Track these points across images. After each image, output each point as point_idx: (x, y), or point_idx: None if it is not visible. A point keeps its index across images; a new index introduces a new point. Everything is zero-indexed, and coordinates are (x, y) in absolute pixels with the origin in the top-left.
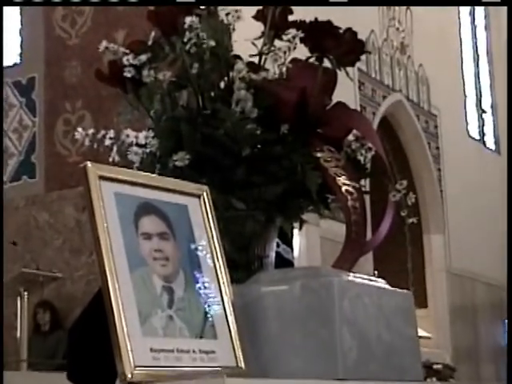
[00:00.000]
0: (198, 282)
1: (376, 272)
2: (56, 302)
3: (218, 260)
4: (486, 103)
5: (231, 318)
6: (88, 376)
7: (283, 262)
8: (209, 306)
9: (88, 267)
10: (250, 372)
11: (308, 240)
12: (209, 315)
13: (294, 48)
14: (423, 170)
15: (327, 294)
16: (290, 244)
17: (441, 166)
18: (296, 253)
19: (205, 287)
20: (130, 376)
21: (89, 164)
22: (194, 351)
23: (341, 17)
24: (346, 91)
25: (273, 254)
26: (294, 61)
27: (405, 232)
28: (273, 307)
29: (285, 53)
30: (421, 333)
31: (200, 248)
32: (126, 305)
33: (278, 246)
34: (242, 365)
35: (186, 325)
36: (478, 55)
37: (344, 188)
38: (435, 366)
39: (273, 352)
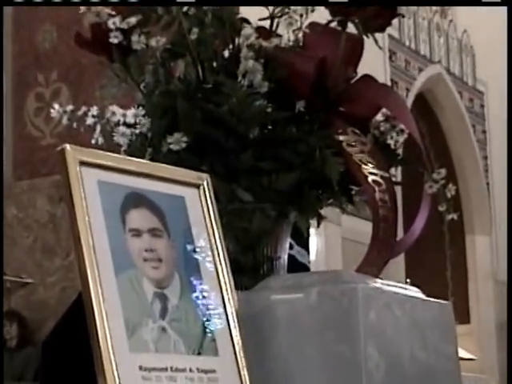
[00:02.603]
0: (195, 289)
1: (408, 280)
2: (25, 312)
3: (219, 262)
4: None
5: (235, 332)
6: None
7: (297, 267)
8: (209, 316)
9: (64, 271)
10: None
11: (327, 241)
12: (208, 328)
13: (313, 10)
14: (466, 158)
15: (350, 304)
16: (305, 245)
17: (488, 153)
18: (313, 256)
19: (204, 294)
20: None
21: (67, 147)
22: (190, 370)
23: None
24: (373, 62)
25: (285, 256)
26: (312, 25)
27: (443, 232)
28: (285, 318)
29: (301, 16)
30: (462, 353)
31: (199, 247)
32: (111, 314)
33: (291, 247)
34: None
35: (182, 338)
36: None
37: (371, 178)
38: None
39: (284, 371)
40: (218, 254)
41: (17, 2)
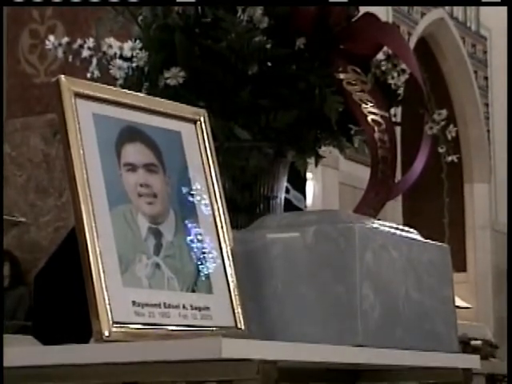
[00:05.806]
0: (191, 226)
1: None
2: (18, 252)
3: (215, 200)
4: None
5: (230, 270)
6: (57, 333)
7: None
8: (203, 254)
9: (57, 211)
10: (251, 333)
11: (324, 186)
12: (203, 265)
13: None
14: (467, 105)
15: (346, 243)
16: (302, 190)
17: (489, 100)
18: (309, 200)
19: (199, 232)
20: (107, 334)
21: (62, 78)
22: (184, 307)
23: None
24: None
25: (282, 196)
26: None
27: (442, 179)
28: (281, 257)
29: None
30: (457, 302)
31: (195, 185)
32: (105, 249)
33: (287, 191)
34: (242, 325)
35: (176, 275)
36: None
37: (370, 117)
38: (473, 342)
39: (279, 311)
40: (215, 191)
41: (17, 2)
